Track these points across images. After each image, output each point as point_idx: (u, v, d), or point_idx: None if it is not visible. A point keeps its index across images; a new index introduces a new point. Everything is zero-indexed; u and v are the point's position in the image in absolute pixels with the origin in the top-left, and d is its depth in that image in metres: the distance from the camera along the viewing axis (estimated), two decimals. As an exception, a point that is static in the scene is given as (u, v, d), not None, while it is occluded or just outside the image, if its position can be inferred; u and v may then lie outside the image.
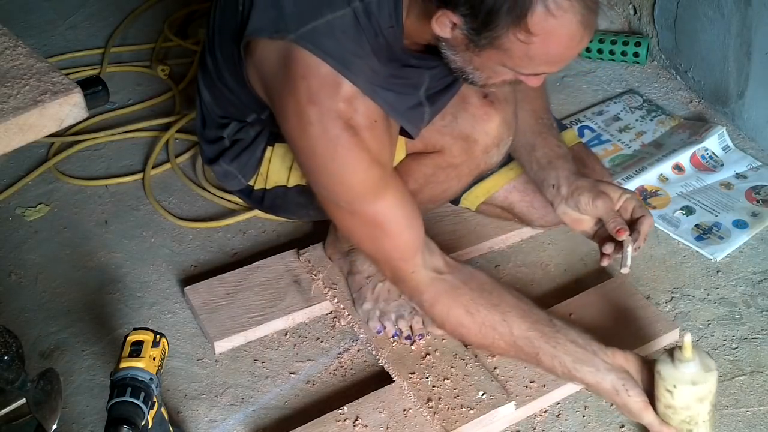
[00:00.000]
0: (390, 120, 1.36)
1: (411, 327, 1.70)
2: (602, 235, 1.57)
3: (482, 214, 1.87)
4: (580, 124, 2.26)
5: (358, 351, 1.73)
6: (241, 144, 1.62)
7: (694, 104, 2.33)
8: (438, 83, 1.43)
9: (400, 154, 1.54)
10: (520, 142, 1.62)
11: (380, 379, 1.66)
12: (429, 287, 1.45)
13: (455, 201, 1.82)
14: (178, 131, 2.25)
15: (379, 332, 1.70)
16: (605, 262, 1.58)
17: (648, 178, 2.09)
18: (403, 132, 1.46)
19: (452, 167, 1.54)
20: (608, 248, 1.55)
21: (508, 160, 1.71)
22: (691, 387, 1.40)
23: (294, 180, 1.63)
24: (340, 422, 1.56)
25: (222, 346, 1.73)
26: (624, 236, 1.52)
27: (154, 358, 1.36)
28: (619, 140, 2.22)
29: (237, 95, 1.51)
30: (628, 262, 1.53)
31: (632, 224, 1.54)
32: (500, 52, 1.24)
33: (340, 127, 1.30)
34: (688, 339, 1.39)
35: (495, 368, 1.65)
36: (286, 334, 1.76)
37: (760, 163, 2.13)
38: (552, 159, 1.57)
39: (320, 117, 1.30)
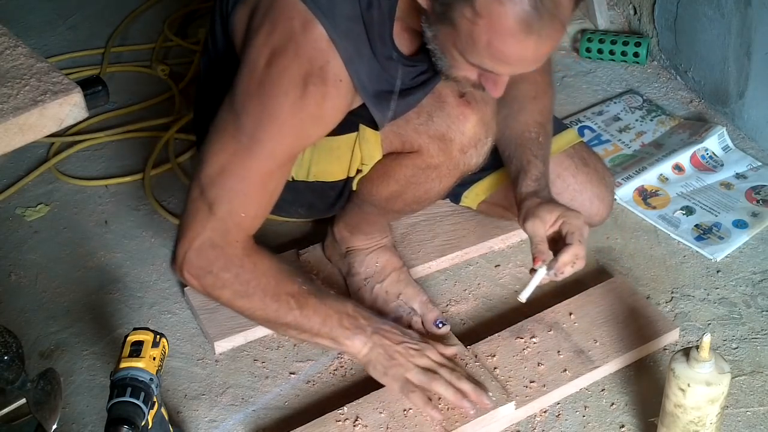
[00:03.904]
0: (353, 94, 1.36)
1: (410, 328, 1.70)
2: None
3: (483, 214, 1.87)
4: (580, 124, 2.27)
5: (358, 351, 1.73)
6: None
7: (694, 104, 2.33)
8: (411, 81, 1.43)
9: (375, 154, 1.54)
10: (504, 154, 1.63)
11: (380, 379, 1.66)
12: (247, 248, 1.43)
13: (456, 200, 1.81)
14: (178, 131, 2.25)
15: (378, 332, 1.70)
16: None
17: (648, 178, 2.09)
18: (370, 124, 1.46)
19: (431, 168, 1.53)
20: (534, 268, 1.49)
21: None
22: (704, 387, 1.40)
23: None
24: (340, 422, 1.56)
25: (222, 346, 1.73)
26: (537, 265, 1.45)
27: (154, 358, 1.36)
28: (619, 140, 2.22)
29: (225, 62, 1.50)
30: (528, 291, 1.46)
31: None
32: (452, 30, 1.23)
33: (308, 72, 1.30)
34: (707, 339, 1.39)
35: (495, 368, 1.65)
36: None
37: (760, 163, 2.13)
38: (518, 175, 1.58)
39: (295, 55, 1.29)
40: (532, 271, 1.48)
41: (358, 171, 1.56)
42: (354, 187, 1.60)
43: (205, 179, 1.38)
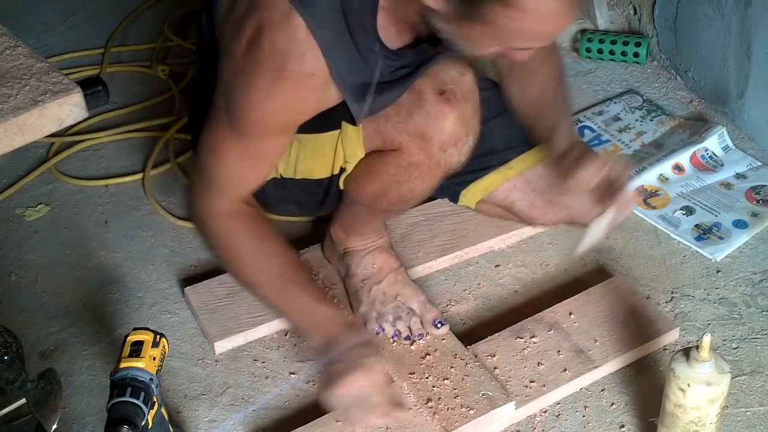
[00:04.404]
0: (329, 85, 1.36)
1: (410, 328, 1.71)
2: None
3: (483, 214, 1.87)
4: (580, 124, 2.27)
5: (358, 351, 1.73)
6: None
7: (694, 104, 2.33)
8: (390, 75, 1.42)
9: (358, 152, 1.54)
10: (527, 118, 1.65)
11: (380, 379, 1.66)
12: (222, 212, 1.48)
13: (454, 199, 1.81)
14: (178, 131, 2.25)
15: (377, 334, 1.70)
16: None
17: (648, 178, 2.09)
18: (350, 120, 1.47)
19: (413, 166, 1.53)
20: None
21: (508, 158, 1.71)
22: (704, 387, 1.40)
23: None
24: (340, 422, 1.56)
25: (222, 346, 1.73)
26: (597, 214, 1.49)
27: (154, 358, 1.36)
28: (619, 140, 2.22)
29: (211, 52, 1.51)
30: (589, 242, 1.50)
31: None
32: (488, 27, 1.23)
33: (283, 64, 1.31)
34: (707, 339, 1.39)
35: (495, 368, 1.65)
36: (286, 334, 1.76)
37: (760, 163, 2.13)
38: (550, 134, 1.59)
39: (271, 47, 1.30)
40: (585, 226, 1.52)
41: (343, 169, 1.57)
42: (341, 186, 1.60)
43: (202, 145, 1.46)
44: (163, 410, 1.40)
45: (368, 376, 1.40)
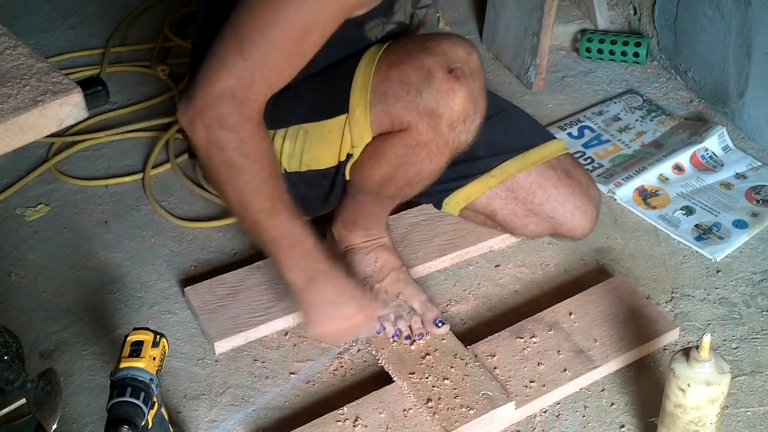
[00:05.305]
0: None
1: (410, 327, 1.71)
2: None
3: (468, 221, 1.85)
4: (580, 124, 2.27)
5: (358, 351, 1.73)
6: None
7: (694, 104, 2.34)
8: None
9: (365, 136, 1.54)
10: None
11: (380, 379, 1.67)
12: (255, 116, 1.42)
13: (438, 206, 1.79)
14: (178, 131, 2.25)
15: (378, 333, 1.70)
16: None
17: (648, 178, 2.09)
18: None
19: (421, 146, 1.53)
20: None
21: (490, 167, 1.70)
22: (704, 387, 1.40)
23: None
24: (340, 422, 1.56)
25: (222, 346, 1.73)
26: None
27: (154, 358, 1.36)
28: (619, 140, 2.22)
29: (212, 33, 1.48)
30: None
31: None
32: None
33: None
34: (707, 339, 1.39)
35: (495, 368, 1.65)
36: (286, 334, 1.77)
37: (760, 163, 2.13)
38: None
39: None
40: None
41: (349, 156, 1.57)
42: (347, 176, 1.60)
43: (243, 21, 1.38)
44: (163, 410, 1.40)
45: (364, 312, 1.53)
